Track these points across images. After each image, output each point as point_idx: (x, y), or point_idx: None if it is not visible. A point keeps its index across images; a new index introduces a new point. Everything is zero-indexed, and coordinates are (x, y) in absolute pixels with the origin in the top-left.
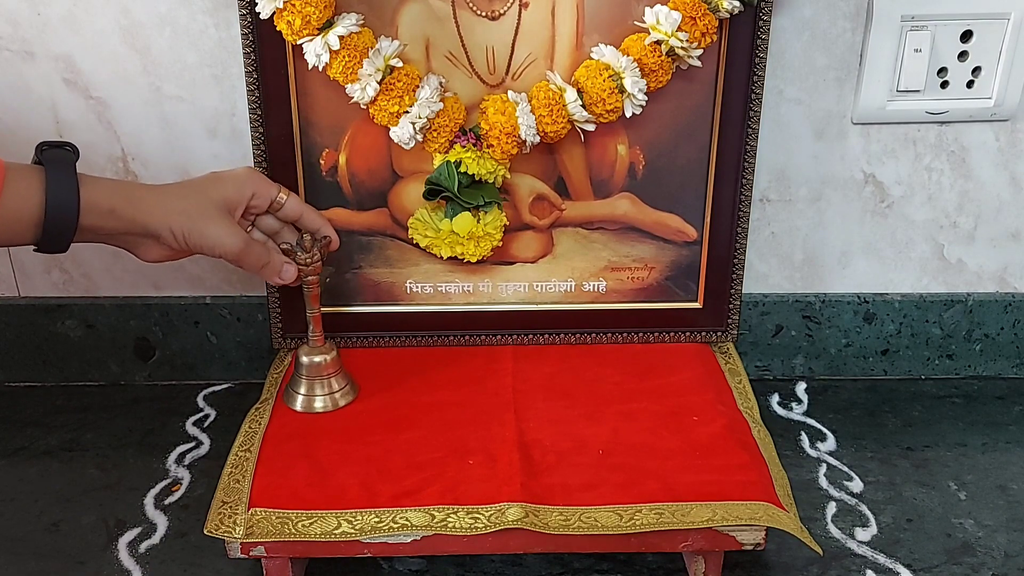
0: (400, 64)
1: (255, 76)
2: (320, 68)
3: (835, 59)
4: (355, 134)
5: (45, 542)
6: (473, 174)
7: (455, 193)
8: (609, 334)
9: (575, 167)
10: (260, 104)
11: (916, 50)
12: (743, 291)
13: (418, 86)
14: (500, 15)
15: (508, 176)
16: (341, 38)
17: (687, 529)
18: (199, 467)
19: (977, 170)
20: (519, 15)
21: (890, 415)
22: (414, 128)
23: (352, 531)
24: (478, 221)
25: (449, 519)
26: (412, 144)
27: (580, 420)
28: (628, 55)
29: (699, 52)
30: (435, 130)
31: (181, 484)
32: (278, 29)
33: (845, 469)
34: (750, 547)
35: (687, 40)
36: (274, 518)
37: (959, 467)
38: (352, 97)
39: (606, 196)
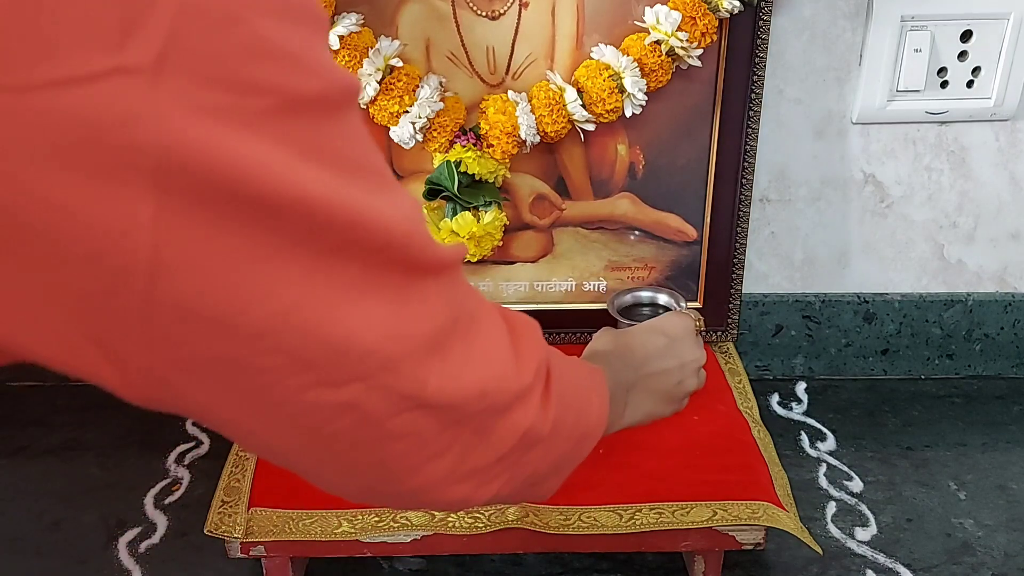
0: (400, 64)
1: None
2: None
3: (835, 59)
4: None
5: (45, 541)
6: (473, 174)
7: (455, 193)
8: None
9: (575, 167)
10: None
11: (916, 50)
12: (743, 291)
13: (418, 86)
14: (500, 15)
15: (508, 176)
16: (341, 38)
17: (687, 529)
18: (199, 467)
19: (977, 170)
20: (519, 15)
21: (890, 415)
22: (414, 128)
23: (352, 530)
24: (478, 221)
25: (449, 518)
26: (412, 144)
27: None
28: (628, 55)
29: (699, 52)
30: (435, 130)
31: (181, 484)
32: None
33: (845, 469)
34: (750, 547)
35: (687, 40)
36: (274, 517)
37: (959, 467)
38: None
39: (606, 196)
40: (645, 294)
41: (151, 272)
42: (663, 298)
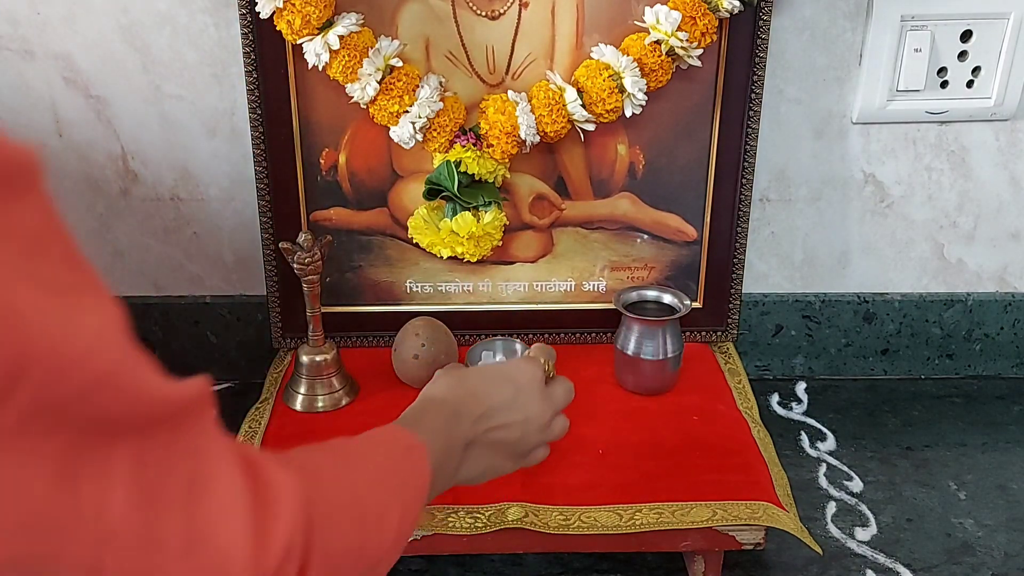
0: (400, 64)
1: (255, 76)
2: (320, 68)
3: (835, 59)
4: (355, 134)
5: None
6: (473, 174)
7: (455, 193)
8: (609, 334)
9: (575, 167)
10: (260, 104)
11: (916, 50)
12: (743, 291)
13: (418, 86)
14: (500, 15)
15: (508, 176)
16: (341, 38)
17: (687, 529)
18: None
19: (977, 170)
20: (519, 15)
21: (890, 415)
22: (414, 128)
23: None
24: (478, 221)
25: (449, 519)
26: (412, 144)
27: (580, 420)
28: (628, 55)
29: (699, 52)
30: (435, 129)
31: None
32: (278, 29)
33: (845, 469)
34: (750, 547)
35: (687, 40)
36: None
37: (959, 467)
38: (352, 97)
39: (606, 196)
40: (651, 293)
41: None
42: (668, 298)
